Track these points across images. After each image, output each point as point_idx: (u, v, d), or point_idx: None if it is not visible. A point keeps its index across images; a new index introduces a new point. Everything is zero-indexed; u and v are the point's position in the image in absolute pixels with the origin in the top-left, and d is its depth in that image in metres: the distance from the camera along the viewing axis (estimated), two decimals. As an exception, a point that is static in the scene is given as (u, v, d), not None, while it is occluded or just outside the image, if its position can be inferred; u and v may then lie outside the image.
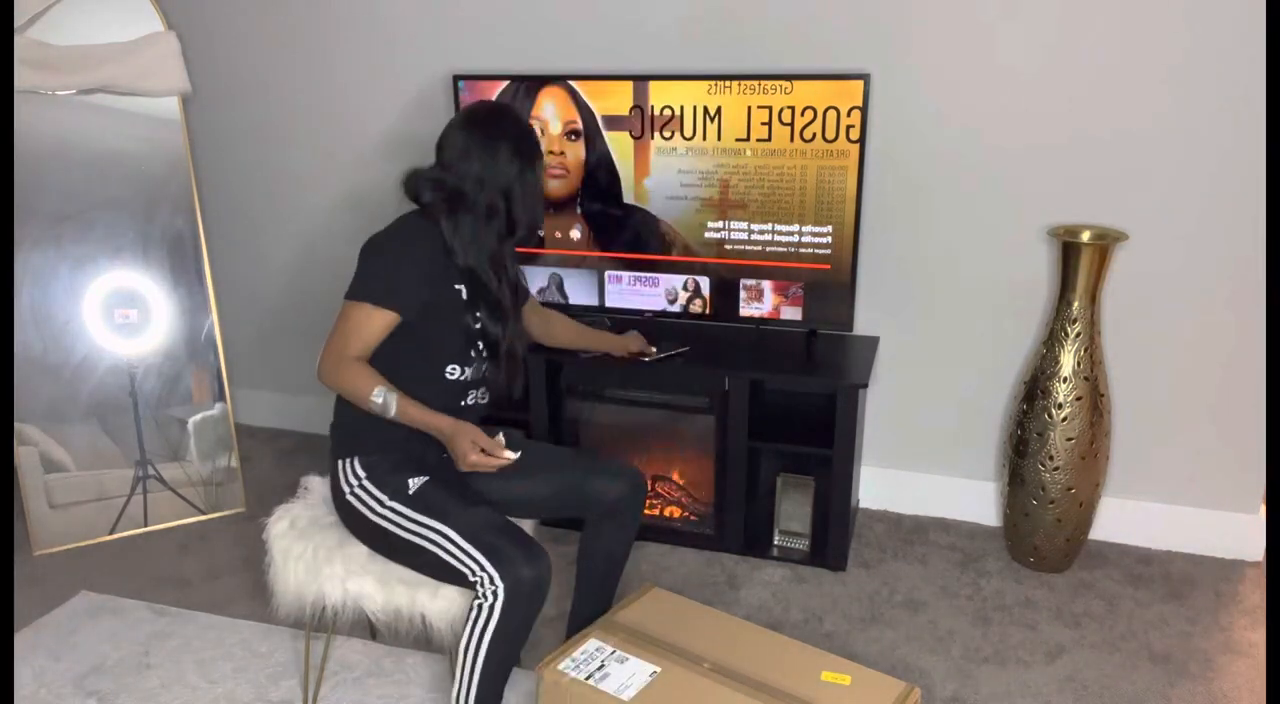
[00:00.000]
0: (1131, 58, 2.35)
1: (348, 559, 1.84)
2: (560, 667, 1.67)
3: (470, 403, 1.93)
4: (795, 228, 2.56)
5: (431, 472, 1.82)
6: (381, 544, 1.82)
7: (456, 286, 1.85)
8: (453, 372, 1.88)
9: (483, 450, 1.76)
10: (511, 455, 1.78)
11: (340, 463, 1.86)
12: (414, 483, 1.80)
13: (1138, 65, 2.35)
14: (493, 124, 1.88)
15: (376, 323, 1.78)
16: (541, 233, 2.77)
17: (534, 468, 1.97)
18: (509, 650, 1.72)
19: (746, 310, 2.68)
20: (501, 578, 1.66)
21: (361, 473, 1.83)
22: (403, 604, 1.79)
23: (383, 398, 1.75)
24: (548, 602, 1.77)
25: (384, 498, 1.80)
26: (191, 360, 2.87)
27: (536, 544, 1.73)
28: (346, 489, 1.84)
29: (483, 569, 1.68)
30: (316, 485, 2.07)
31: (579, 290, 2.80)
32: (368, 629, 2.22)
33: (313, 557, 1.84)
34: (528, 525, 1.97)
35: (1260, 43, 2.25)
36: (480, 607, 1.68)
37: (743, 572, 2.58)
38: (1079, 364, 2.38)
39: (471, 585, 1.70)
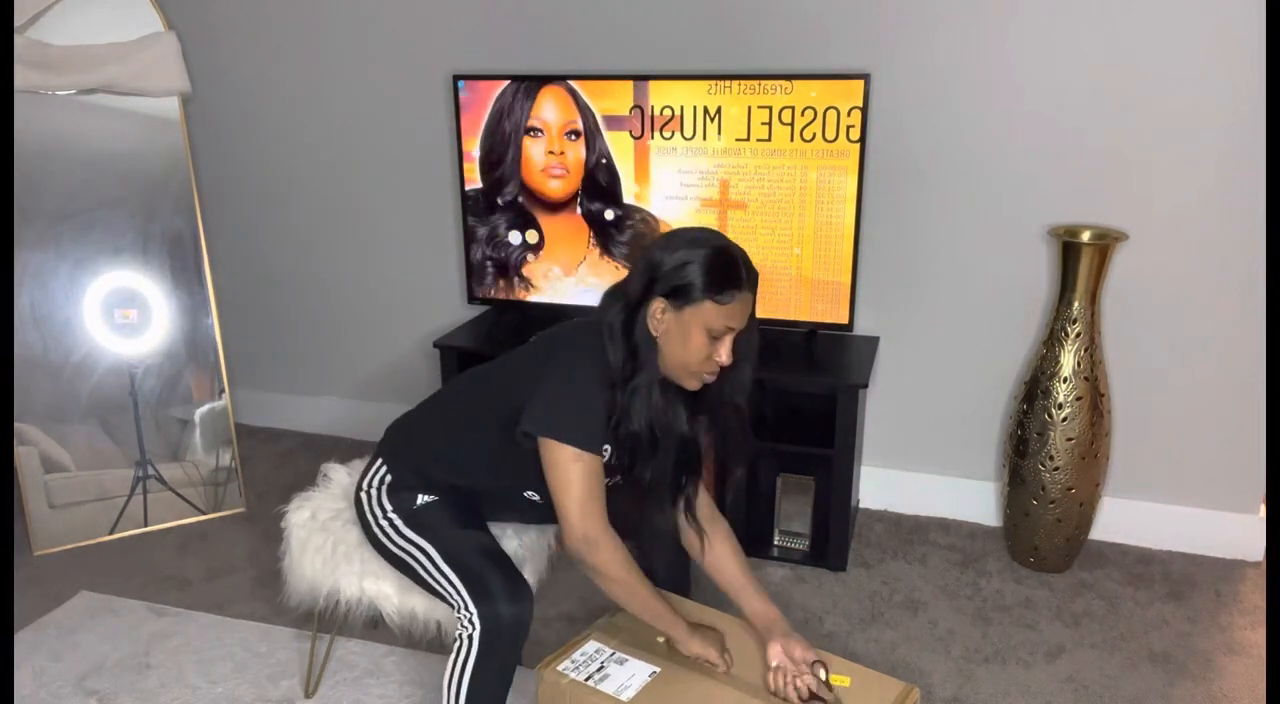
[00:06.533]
0: (1131, 57, 2.35)
1: (367, 558, 1.79)
2: (560, 667, 1.67)
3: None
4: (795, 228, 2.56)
5: (444, 493, 1.75)
6: (374, 548, 1.79)
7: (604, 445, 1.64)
8: (531, 496, 1.75)
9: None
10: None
11: (378, 461, 1.82)
12: (421, 499, 1.74)
13: (1137, 65, 2.35)
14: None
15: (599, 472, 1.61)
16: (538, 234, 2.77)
17: None
18: (492, 686, 1.63)
19: (746, 310, 2.67)
20: (478, 612, 1.59)
21: (388, 479, 1.78)
22: (419, 608, 1.76)
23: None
24: (548, 602, 1.75)
25: (388, 507, 1.75)
26: (191, 360, 2.87)
27: (523, 582, 1.64)
28: (365, 486, 1.81)
29: (460, 596, 1.62)
30: (338, 475, 1.99)
31: (579, 290, 2.80)
32: (370, 622, 2.21)
33: (331, 551, 1.80)
34: (549, 531, 1.94)
35: (1260, 42, 2.25)
36: (461, 637, 1.61)
37: (743, 572, 2.58)
38: (1079, 364, 2.38)
39: (453, 610, 1.64)
